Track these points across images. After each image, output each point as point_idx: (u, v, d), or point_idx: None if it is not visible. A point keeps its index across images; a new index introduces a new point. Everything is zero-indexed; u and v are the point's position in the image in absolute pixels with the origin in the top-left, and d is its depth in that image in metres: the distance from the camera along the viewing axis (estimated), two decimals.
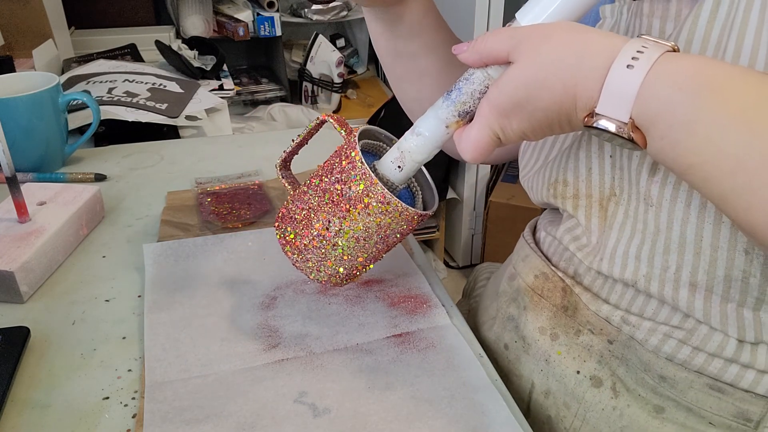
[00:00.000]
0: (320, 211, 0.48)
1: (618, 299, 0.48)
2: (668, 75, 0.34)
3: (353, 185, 0.46)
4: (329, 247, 0.48)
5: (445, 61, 0.60)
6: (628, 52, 0.35)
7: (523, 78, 0.38)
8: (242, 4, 1.91)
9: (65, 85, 1.10)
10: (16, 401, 0.46)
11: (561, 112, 0.38)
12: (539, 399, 0.53)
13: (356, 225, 0.47)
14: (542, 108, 0.38)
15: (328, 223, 0.47)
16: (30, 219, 0.62)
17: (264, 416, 0.45)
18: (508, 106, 0.39)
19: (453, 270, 2.10)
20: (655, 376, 0.46)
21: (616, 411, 0.48)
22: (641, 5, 0.46)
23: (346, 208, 0.47)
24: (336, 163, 0.48)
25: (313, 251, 0.49)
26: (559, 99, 0.37)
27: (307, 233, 0.48)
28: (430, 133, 0.45)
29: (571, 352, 0.50)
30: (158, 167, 0.84)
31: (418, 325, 0.54)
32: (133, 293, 0.58)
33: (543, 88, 0.38)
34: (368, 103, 2.09)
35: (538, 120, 0.39)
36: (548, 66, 0.37)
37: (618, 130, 0.35)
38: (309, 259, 0.49)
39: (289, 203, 0.51)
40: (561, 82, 0.37)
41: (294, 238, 0.49)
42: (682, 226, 0.43)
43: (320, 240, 0.48)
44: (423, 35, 0.58)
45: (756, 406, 0.43)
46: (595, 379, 0.49)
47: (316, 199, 0.48)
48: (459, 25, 1.74)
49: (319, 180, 0.48)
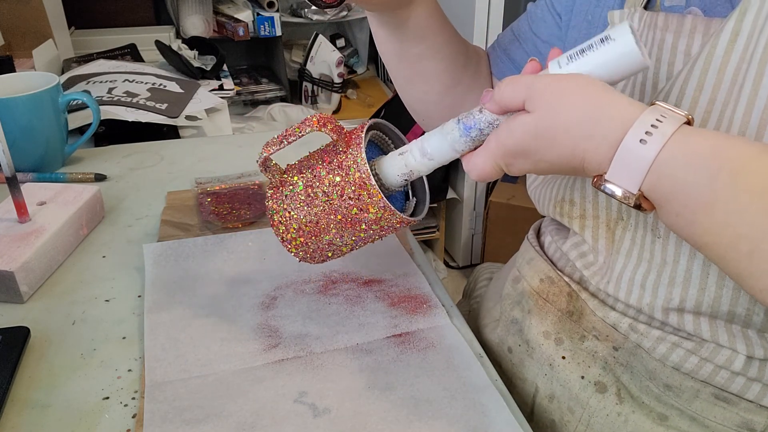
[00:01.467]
0: (317, 208, 0.48)
1: (625, 308, 0.48)
2: (684, 155, 0.33)
3: (356, 190, 0.46)
4: (319, 241, 0.50)
5: (451, 63, 0.60)
6: (644, 125, 0.34)
7: (534, 129, 0.38)
8: (242, 4, 1.91)
9: (65, 85, 1.10)
10: (16, 401, 0.46)
11: (567, 168, 0.39)
12: (543, 403, 0.53)
13: (359, 233, 0.48)
14: (548, 160, 0.39)
15: (325, 223, 0.48)
16: (30, 219, 0.62)
17: (264, 416, 0.45)
18: (514, 150, 0.40)
19: (453, 270, 2.09)
20: (660, 385, 0.46)
21: (620, 417, 0.47)
22: (656, 17, 0.46)
23: (342, 210, 0.47)
24: (335, 160, 0.48)
25: (306, 239, 0.50)
26: (567, 158, 0.38)
27: (302, 225, 0.49)
28: (441, 158, 0.45)
29: (576, 357, 0.50)
30: (158, 167, 0.84)
31: (418, 325, 0.54)
32: (133, 293, 0.58)
33: (552, 145, 0.38)
34: (368, 103, 2.09)
35: (542, 168, 0.40)
36: (560, 125, 0.37)
37: (624, 197, 0.35)
38: (302, 244, 0.51)
39: (284, 191, 0.50)
40: (571, 142, 0.37)
41: (288, 221, 0.50)
42: (689, 260, 0.43)
43: (313, 234, 0.49)
44: (428, 38, 0.57)
45: (761, 416, 0.43)
46: (600, 384, 0.49)
47: (314, 196, 0.48)
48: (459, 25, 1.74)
49: (318, 176, 0.48)
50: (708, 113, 0.41)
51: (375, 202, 0.46)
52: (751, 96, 0.38)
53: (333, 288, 0.59)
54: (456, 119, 0.44)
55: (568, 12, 0.57)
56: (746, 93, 0.39)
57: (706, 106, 0.41)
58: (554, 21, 0.59)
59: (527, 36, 0.62)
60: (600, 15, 0.53)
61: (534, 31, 0.61)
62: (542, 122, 0.38)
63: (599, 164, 0.36)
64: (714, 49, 0.40)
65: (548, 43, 0.60)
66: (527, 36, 0.62)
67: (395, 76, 0.64)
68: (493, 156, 0.41)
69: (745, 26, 0.39)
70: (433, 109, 0.64)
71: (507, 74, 0.64)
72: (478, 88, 0.64)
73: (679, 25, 0.44)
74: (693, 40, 0.43)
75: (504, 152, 0.40)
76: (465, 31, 1.70)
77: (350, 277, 0.61)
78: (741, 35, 0.39)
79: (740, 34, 0.39)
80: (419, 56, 0.59)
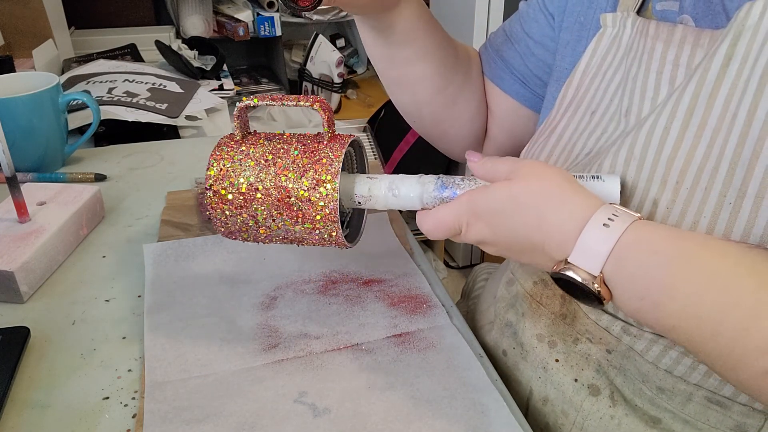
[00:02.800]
0: (266, 177, 0.47)
1: (617, 311, 0.48)
2: (644, 240, 0.36)
3: (314, 188, 0.46)
4: (247, 209, 0.48)
5: (441, 65, 0.60)
6: (604, 214, 0.37)
7: (509, 194, 0.40)
8: (242, 4, 1.91)
9: (65, 85, 1.10)
10: (16, 401, 0.46)
11: (526, 242, 0.40)
12: (537, 406, 0.52)
13: (289, 222, 0.48)
14: (510, 227, 0.40)
15: (264, 195, 0.47)
16: (30, 219, 0.62)
17: (264, 416, 0.45)
18: (483, 209, 0.41)
19: (453, 270, 2.09)
20: (653, 387, 0.46)
21: (614, 420, 0.47)
22: (648, 26, 0.46)
23: (291, 191, 0.47)
24: (313, 147, 0.48)
25: (235, 201, 0.48)
26: (530, 230, 0.39)
27: (241, 202, 0.48)
28: (404, 200, 0.47)
29: (569, 360, 0.50)
30: (158, 167, 0.84)
31: (418, 325, 0.54)
32: (133, 293, 0.58)
33: (521, 212, 0.40)
34: (368, 103, 2.09)
35: (500, 237, 0.41)
36: (534, 197, 0.40)
37: (584, 281, 0.37)
38: (227, 203, 0.49)
39: (237, 151, 0.49)
40: (538, 217, 0.39)
41: (225, 194, 0.48)
42: None
43: (247, 201, 0.48)
44: (416, 41, 0.57)
45: (754, 419, 0.43)
46: (593, 387, 0.49)
47: (271, 164, 0.48)
48: (459, 25, 1.74)
49: (287, 150, 0.48)
50: (698, 138, 0.40)
51: (324, 206, 0.46)
52: (744, 126, 0.38)
53: (333, 288, 0.59)
54: (437, 176, 0.47)
55: (560, 13, 0.57)
56: (740, 122, 0.38)
57: (696, 131, 0.40)
58: (547, 21, 0.59)
59: (519, 36, 0.62)
60: (593, 17, 0.53)
61: (526, 31, 0.61)
62: (517, 190, 0.40)
63: (563, 242, 0.38)
64: (706, 73, 0.40)
65: (541, 44, 0.60)
66: (519, 36, 0.62)
67: (385, 79, 0.63)
68: (457, 210, 0.43)
69: (738, 51, 0.39)
70: (425, 111, 0.64)
71: (500, 75, 0.64)
72: (469, 89, 0.64)
73: (669, 34, 0.44)
74: (682, 50, 0.43)
75: (472, 209, 0.42)
76: (465, 31, 1.70)
77: (350, 277, 0.61)
78: (734, 60, 0.39)
79: (733, 59, 0.39)
80: (408, 60, 0.59)
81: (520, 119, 0.65)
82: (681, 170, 0.41)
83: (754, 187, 0.38)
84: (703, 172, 0.40)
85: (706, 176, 0.40)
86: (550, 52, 0.59)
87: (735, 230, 0.38)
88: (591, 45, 0.51)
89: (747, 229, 0.38)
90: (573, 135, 0.51)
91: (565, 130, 0.51)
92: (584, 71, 0.52)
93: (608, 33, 0.50)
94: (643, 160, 0.42)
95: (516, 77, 0.63)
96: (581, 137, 0.50)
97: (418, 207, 0.47)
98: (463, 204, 0.43)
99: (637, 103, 0.46)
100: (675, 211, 0.41)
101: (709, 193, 0.39)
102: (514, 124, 0.66)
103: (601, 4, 0.52)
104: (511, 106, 0.64)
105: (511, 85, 0.63)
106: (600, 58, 0.51)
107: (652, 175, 0.42)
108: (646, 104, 0.45)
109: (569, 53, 0.55)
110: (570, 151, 0.50)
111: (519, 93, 0.63)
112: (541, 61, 0.60)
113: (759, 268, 0.33)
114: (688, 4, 0.44)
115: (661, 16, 0.47)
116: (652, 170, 0.42)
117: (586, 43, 0.53)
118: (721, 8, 0.42)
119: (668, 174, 0.41)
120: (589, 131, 0.49)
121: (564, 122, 0.52)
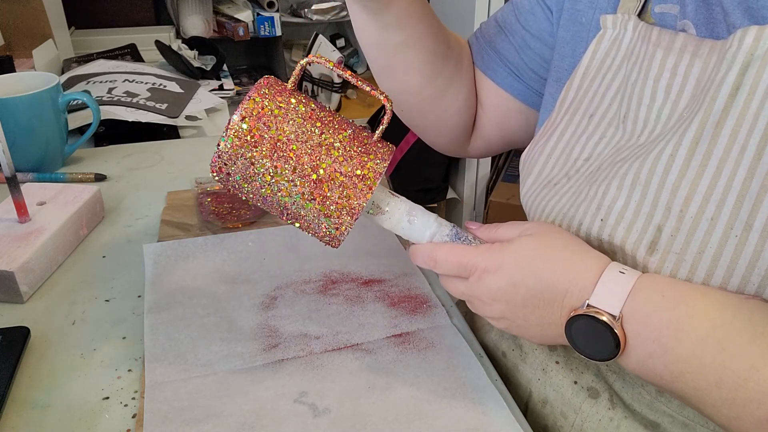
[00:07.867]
0: (305, 129, 0.44)
1: None
2: (654, 284, 0.39)
3: (351, 177, 0.44)
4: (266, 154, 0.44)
5: (432, 53, 0.58)
6: (617, 266, 0.41)
7: (539, 243, 0.45)
8: (242, 4, 1.91)
9: (65, 85, 1.10)
10: (16, 401, 0.46)
11: (547, 292, 0.42)
12: (536, 408, 0.52)
13: (304, 195, 0.44)
14: (535, 275, 0.43)
15: (298, 145, 0.44)
16: (30, 219, 0.62)
17: (264, 416, 0.45)
18: (509, 259, 0.44)
19: None
20: (651, 391, 0.46)
21: (613, 422, 0.47)
22: (650, 32, 0.46)
23: (324, 157, 0.44)
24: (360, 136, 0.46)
25: (256, 159, 0.44)
26: (557, 276, 0.42)
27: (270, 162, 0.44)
28: (416, 230, 0.48)
29: (569, 363, 0.50)
30: (158, 167, 0.84)
31: (418, 325, 0.54)
32: (133, 293, 0.58)
33: (551, 259, 0.43)
34: (368, 103, 2.09)
35: (520, 285, 0.43)
36: (562, 248, 0.43)
37: (608, 320, 0.39)
38: (245, 144, 0.44)
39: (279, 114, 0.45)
40: (568, 262, 0.42)
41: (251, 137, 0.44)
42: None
43: (274, 147, 0.44)
44: (409, 26, 0.56)
45: None
46: (593, 390, 0.49)
47: (316, 119, 0.45)
48: (459, 23, 1.74)
49: (331, 119, 0.46)
50: (704, 167, 0.40)
51: (351, 200, 0.44)
52: (754, 160, 0.38)
53: (333, 288, 0.59)
54: (453, 224, 0.48)
55: (558, 9, 0.56)
56: (749, 155, 0.38)
57: (702, 159, 0.40)
58: (545, 15, 0.58)
59: (514, 28, 0.61)
60: (593, 17, 0.52)
61: (522, 23, 0.60)
62: (548, 241, 0.44)
63: (584, 288, 0.41)
64: (713, 102, 0.40)
65: (538, 38, 0.59)
66: (514, 28, 0.61)
67: (374, 65, 0.62)
68: (475, 253, 0.45)
69: (747, 80, 0.39)
70: (413, 101, 0.63)
71: (492, 67, 0.63)
72: (459, 81, 0.62)
73: (670, 42, 0.44)
74: (681, 58, 0.43)
75: (496, 257, 0.44)
76: (465, 29, 1.70)
77: (350, 277, 0.61)
78: (742, 90, 0.39)
79: (741, 89, 0.39)
80: (399, 45, 0.57)
81: (511, 112, 0.64)
82: (686, 198, 0.40)
83: (761, 222, 0.37)
84: (709, 202, 0.39)
85: (712, 206, 0.39)
86: (548, 46, 0.58)
87: (740, 262, 0.38)
88: (591, 46, 0.51)
89: (752, 261, 0.38)
90: (571, 138, 0.50)
91: (564, 133, 0.51)
92: (584, 73, 0.51)
93: (608, 35, 0.50)
94: (648, 185, 0.42)
95: (510, 70, 0.62)
96: (579, 141, 0.50)
97: (423, 242, 0.48)
98: (486, 250, 0.45)
99: (634, 109, 0.46)
100: (679, 239, 0.40)
101: (715, 223, 0.39)
102: (504, 117, 0.65)
103: (602, 5, 0.52)
104: (503, 99, 0.63)
105: (505, 77, 0.62)
106: (599, 61, 0.50)
107: (657, 201, 0.42)
108: (642, 111, 0.45)
109: (569, 53, 0.55)
110: (568, 155, 0.50)
111: (512, 86, 0.62)
112: (538, 55, 0.59)
113: (755, 319, 0.36)
114: (691, 9, 0.44)
115: (659, 18, 0.47)
116: (656, 195, 0.42)
117: (586, 44, 0.52)
118: (722, 17, 0.42)
119: (672, 200, 0.41)
120: (587, 135, 0.49)
121: (563, 125, 0.51)
